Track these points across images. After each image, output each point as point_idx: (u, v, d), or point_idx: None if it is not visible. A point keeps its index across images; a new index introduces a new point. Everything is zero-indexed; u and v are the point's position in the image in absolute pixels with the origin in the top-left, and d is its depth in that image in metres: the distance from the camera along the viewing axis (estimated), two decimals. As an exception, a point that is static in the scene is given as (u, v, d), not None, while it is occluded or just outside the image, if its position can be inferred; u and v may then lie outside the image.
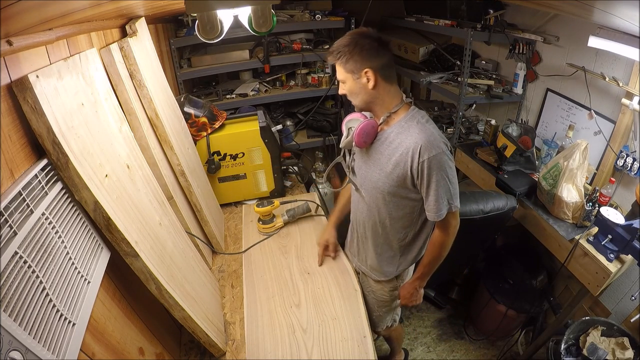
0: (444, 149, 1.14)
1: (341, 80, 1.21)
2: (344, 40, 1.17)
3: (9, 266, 0.62)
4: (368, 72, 1.14)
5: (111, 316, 0.93)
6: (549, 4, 1.71)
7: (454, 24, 2.27)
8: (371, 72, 1.14)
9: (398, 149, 1.19)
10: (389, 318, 1.60)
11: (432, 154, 1.12)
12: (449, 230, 1.26)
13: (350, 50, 1.14)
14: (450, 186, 1.18)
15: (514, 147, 1.93)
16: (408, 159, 1.15)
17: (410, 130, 1.17)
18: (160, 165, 1.34)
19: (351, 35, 1.17)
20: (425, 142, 1.12)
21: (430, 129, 1.17)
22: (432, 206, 1.19)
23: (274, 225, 1.75)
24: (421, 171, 1.15)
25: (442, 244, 1.29)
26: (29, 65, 0.76)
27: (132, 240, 0.91)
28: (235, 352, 1.26)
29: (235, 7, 1.05)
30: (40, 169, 0.76)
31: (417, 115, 1.21)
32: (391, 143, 1.21)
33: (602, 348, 1.55)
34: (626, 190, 1.74)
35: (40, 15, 0.69)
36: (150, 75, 1.39)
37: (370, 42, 1.14)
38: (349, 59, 1.15)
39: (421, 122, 1.18)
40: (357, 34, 1.17)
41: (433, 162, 1.12)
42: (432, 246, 1.32)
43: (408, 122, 1.19)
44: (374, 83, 1.15)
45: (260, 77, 2.57)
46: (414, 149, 1.13)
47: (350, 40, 1.15)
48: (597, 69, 1.76)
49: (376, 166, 1.26)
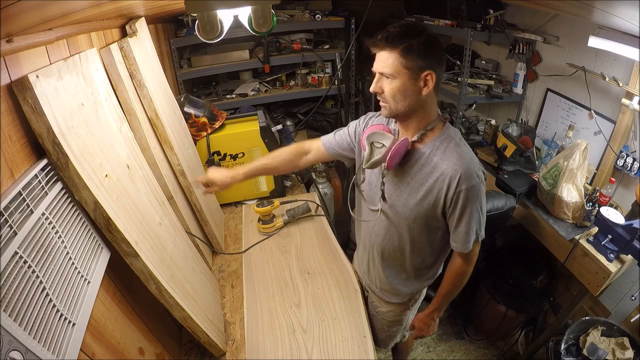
0: (481, 177, 1.03)
1: (389, 74, 0.98)
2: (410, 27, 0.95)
3: (9, 266, 0.62)
4: (430, 75, 0.96)
5: (111, 316, 0.92)
6: (549, 4, 1.71)
7: (454, 24, 2.27)
8: (433, 77, 0.96)
9: (432, 173, 1.04)
10: (398, 335, 1.56)
11: (471, 184, 1.00)
12: (471, 259, 1.17)
13: (422, 43, 0.94)
14: (482, 217, 1.09)
15: (514, 147, 1.93)
16: (444, 187, 1.02)
17: (447, 153, 1.03)
18: (160, 165, 1.34)
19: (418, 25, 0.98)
20: (465, 170, 0.99)
21: (470, 154, 1.04)
22: (462, 238, 1.09)
23: (274, 225, 1.75)
24: (456, 201, 1.03)
25: (463, 274, 1.20)
26: (29, 65, 0.76)
27: (132, 240, 0.91)
28: (235, 352, 1.26)
29: (235, 7, 1.05)
30: (40, 169, 0.76)
31: (454, 135, 1.06)
32: (424, 166, 1.06)
33: (602, 348, 1.55)
34: (626, 190, 1.74)
35: (40, 15, 0.69)
36: (150, 75, 1.39)
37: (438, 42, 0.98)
38: (416, 51, 0.94)
39: (459, 145, 1.04)
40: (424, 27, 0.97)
41: (471, 192, 1.01)
42: (454, 276, 1.21)
43: (444, 143, 1.05)
44: (429, 90, 0.98)
45: (260, 77, 2.57)
46: (452, 176, 1.00)
47: (421, 30, 0.95)
48: (597, 69, 1.76)
49: (405, 190, 1.10)
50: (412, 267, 1.26)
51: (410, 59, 0.94)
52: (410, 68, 0.95)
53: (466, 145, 1.07)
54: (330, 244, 1.66)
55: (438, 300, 1.29)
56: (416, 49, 0.94)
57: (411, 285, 1.32)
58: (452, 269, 1.21)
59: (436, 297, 1.29)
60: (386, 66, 0.97)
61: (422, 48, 0.94)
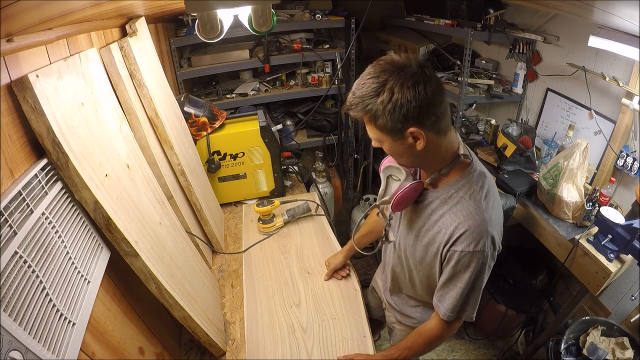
0: (487, 247, 0.87)
1: (374, 139, 0.88)
2: (369, 85, 0.79)
3: (9, 266, 0.62)
4: (415, 132, 0.81)
5: (111, 316, 0.92)
6: (549, 4, 1.71)
7: (454, 23, 2.27)
8: (419, 132, 0.81)
9: (438, 223, 0.93)
10: None
11: (471, 249, 0.87)
12: (447, 330, 1.04)
13: (383, 102, 0.78)
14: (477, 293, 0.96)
15: (514, 146, 1.93)
16: (443, 240, 0.91)
17: (458, 206, 0.89)
18: (160, 164, 1.34)
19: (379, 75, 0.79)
20: (469, 230, 0.86)
21: (484, 215, 0.87)
22: (449, 302, 0.96)
23: (274, 225, 1.75)
24: (448, 261, 0.92)
25: (432, 342, 1.07)
26: (28, 65, 0.76)
27: (132, 239, 0.91)
28: (235, 352, 1.26)
29: (235, 6, 1.05)
30: (40, 168, 0.76)
31: (474, 184, 0.90)
32: (432, 213, 0.95)
33: (602, 348, 1.55)
34: (626, 190, 1.74)
35: (40, 14, 0.69)
36: (150, 75, 1.39)
37: (412, 81, 0.77)
38: (382, 116, 0.79)
39: (476, 198, 0.88)
40: (388, 70, 0.78)
41: (468, 258, 0.88)
42: (419, 338, 1.08)
43: (460, 191, 0.90)
44: (423, 143, 0.83)
45: (260, 77, 2.56)
46: (453, 231, 0.88)
47: (381, 84, 0.78)
48: (597, 69, 1.75)
49: (413, 232, 1.01)
50: (423, 298, 1.18)
51: (382, 123, 0.81)
52: (388, 131, 0.82)
53: (490, 200, 0.89)
54: (330, 244, 1.66)
55: (394, 352, 1.11)
56: (382, 112, 0.79)
57: (422, 312, 1.23)
58: (422, 330, 1.08)
59: (393, 348, 1.13)
60: (369, 132, 0.88)
61: (390, 107, 0.78)
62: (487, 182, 0.92)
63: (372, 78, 0.80)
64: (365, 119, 0.85)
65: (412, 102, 0.77)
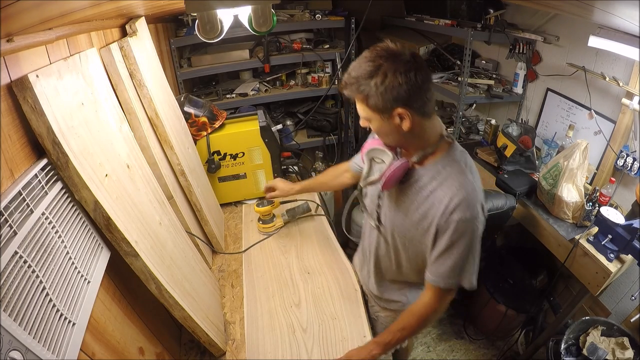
0: (480, 213, 0.94)
1: (364, 117, 0.95)
2: (365, 67, 0.86)
3: (9, 266, 0.62)
4: (402, 113, 0.88)
5: (111, 316, 0.92)
6: (549, 4, 1.71)
7: (454, 23, 2.27)
8: (406, 113, 0.88)
9: (429, 198, 0.97)
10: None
11: (467, 216, 0.91)
12: (442, 302, 1.05)
13: (376, 84, 0.85)
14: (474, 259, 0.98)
15: (514, 146, 1.93)
16: (438, 212, 0.95)
17: (449, 180, 0.95)
18: (160, 164, 1.34)
19: (375, 59, 0.86)
20: (463, 199, 0.91)
21: (474, 184, 0.94)
22: (446, 271, 0.98)
23: (274, 225, 1.75)
24: (445, 230, 0.95)
25: (426, 318, 1.07)
26: (28, 65, 0.76)
27: (132, 239, 0.91)
28: (235, 352, 1.26)
29: (235, 6, 1.05)
30: (40, 168, 0.76)
31: (460, 160, 0.98)
32: (422, 189, 0.99)
33: (602, 348, 1.55)
34: (626, 190, 1.74)
35: (40, 14, 0.69)
36: (150, 75, 1.39)
37: (404, 68, 0.84)
38: (374, 96, 0.86)
39: (464, 172, 0.96)
40: (384, 56, 0.86)
41: (464, 225, 0.92)
42: (412, 316, 1.07)
43: (447, 167, 0.97)
44: (409, 124, 0.90)
45: (260, 77, 2.56)
46: (448, 203, 0.92)
47: (376, 67, 0.85)
48: (597, 69, 1.76)
49: (401, 210, 1.05)
50: (409, 279, 1.22)
51: (373, 103, 0.88)
52: (379, 110, 0.89)
53: (473, 173, 0.98)
54: (330, 244, 1.66)
55: (386, 335, 1.10)
56: (375, 93, 0.86)
57: (408, 294, 1.26)
58: (415, 309, 1.08)
59: (385, 332, 1.11)
60: (359, 110, 0.94)
61: (382, 89, 0.85)
62: (468, 158, 1.01)
63: (368, 62, 0.87)
64: (357, 99, 0.91)
65: (402, 86, 0.85)
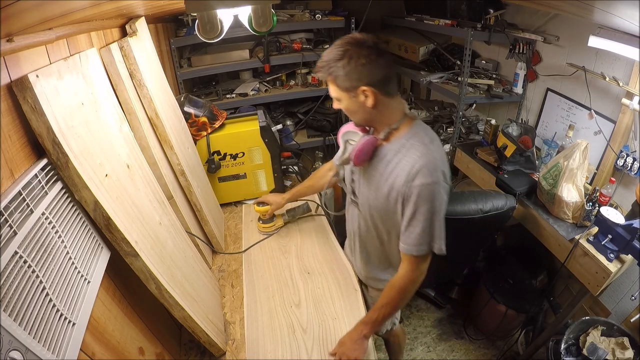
0: (441, 179, 1.02)
1: (334, 97, 1.08)
2: (334, 53, 1.00)
3: (9, 266, 0.62)
4: (366, 90, 1.01)
5: (111, 316, 0.92)
6: (549, 4, 1.71)
7: (454, 23, 2.27)
8: (370, 90, 1.01)
9: (395, 170, 1.07)
10: (388, 322, 1.55)
11: (428, 181, 1.00)
12: (417, 271, 1.11)
13: (343, 66, 0.99)
14: (438, 223, 1.05)
15: (514, 146, 1.93)
16: (402, 181, 1.04)
17: (411, 150, 1.05)
18: (160, 164, 1.34)
19: (343, 46, 1.00)
20: (423, 165, 1.01)
21: (435, 153, 1.03)
22: (415, 238, 1.06)
23: (274, 224, 1.75)
24: (408, 196, 1.03)
25: (405, 289, 1.13)
26: (28, 65, 0.76)
27: (132, 239, 0.91)
28: (235, 352, 1.26)
29: (235, 6, 1.05)
30: (40, 168, 0.76)
31: (421, 133, 1.08)
32: (389, 162, 1.10)
33: (602, 348, 1.55)
34: (626, 190, 1.74)
35: (40, 14, 0.69)
36: (150, 74, 1.39)
37: (367, 52, 0.98)
38: (342, 76, 1.00)
39: (425, 142, 1.05)
40: (350, 42, 1.00)
41: (426, 190, 1.01)
42: (392, 290, 1.14)
43: (410, 140, 1.07)
44: (373, 101, 1.02)
45: (260, 77, 2.56)
46: (409, 171, 1.02)
47: (343, 52, 0.99)
48: (597, 69, 1.76)
49: (372, 185, 1.15)
50: (392, 256, 1.27)
51: (341, 83, 1.02)
52: (346, 89, 1.03)
53: (435, 144, 1.06)
54: (330, 244, 1.66)
55: (371, 314, 1.17)
56: (342, 74, 1.00)
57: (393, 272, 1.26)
58: (394, 282, 1.15)
59: (370, 311, 1.19)
60: (332, 91, 1.07)
61: (348, 69, 0.99)
62: (430, 132, 1.10)
63: (337, 48, 1.01)
64: (329, 80, 1.05)
65: (365, 67, 0.98)
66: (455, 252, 1.33)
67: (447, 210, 1.50)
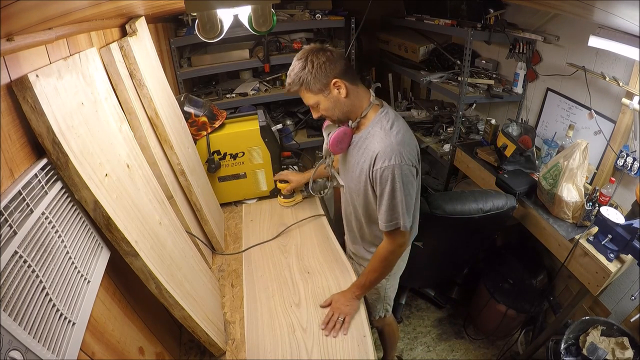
0: (398, 161, 1.11)
1: (312, 105, 1.19)
2: (297, 65, 1.14)
3: (8, 266, 0.62)
4: (337, 82, 1.13)
5: (111, 316, 0.93)
6: (549, 4, 1.71)
7: (454, 23, 2.27)
8: (339, 81, 1.13)
9: (363, 155, 1.20)
10: (380, 307, 1.59)
11: (385, 164, 1.11)
12: (394, 243, 1.24)
13: (309, 71, 1.12)
14: (404, 201, 1.15)
15: (514, 146, 1.93)
16: (367, 167, 1.17)
17: (374, 137, 1.17)
18: (160, 164, 1.34)
19: (301, 57, 1.14)
20: (383, 149, 1.12)
21: (398, 136, 1.14)
22: (383, 215, 1.19)
23: (294, 200, 1.91)
24: (374, 179, 1.16)
25: (385, 258, 1.28)
26: (28, 65, 0.76)
27: (132, 239, 0.91)
28: (235, 352, 1.26)
29: (235, 6, 1.05)
30: (40, 168, 0.76)
31: (383, 120, 1.19)
32: (359, 149, 1.22)
33: (602, 348, 1.55)
34: (626, 190, 1.74)
35: (40, 14, 0.69)
36: (150, 74, 1.39)
37: (322, 53, 1.13)
38: (312, 81, 1.13)
39: (385, 129, 1.16)
40: (306, 52, 1.15)
41: (385, 172, 1.12)
42: (375, 259, 1.30)
43: (374, 127, 1.19)
44: (345, 91, 1.14)
45: (261, 77, 2.56)
46: (372, 155, 1.14)
47: (304, 61, 1.13)
48: (597, 69, 1.76)
49: (349, 170, 1.29)
50: (374, 237, 1.38)
51: (313, 87, 1.14)
52: (320, 90, 1.14)
53: (395, 127, 1.15)
54: (330, 244, 1.66)
55: (360, 278, 1.35)
56: (311, 78, 1.12)
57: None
58: (377, 251, 1.30)
59: (360, 275, 1.37)
60: (309, 100, 1.18)
61: (314, 73, 1.11)
62: (393, 117, 1.19)
63: (298, 60, 1.15)
64: (302, 91, 1.16)
65: (327, 62, 1.11)
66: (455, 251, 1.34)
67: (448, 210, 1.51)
